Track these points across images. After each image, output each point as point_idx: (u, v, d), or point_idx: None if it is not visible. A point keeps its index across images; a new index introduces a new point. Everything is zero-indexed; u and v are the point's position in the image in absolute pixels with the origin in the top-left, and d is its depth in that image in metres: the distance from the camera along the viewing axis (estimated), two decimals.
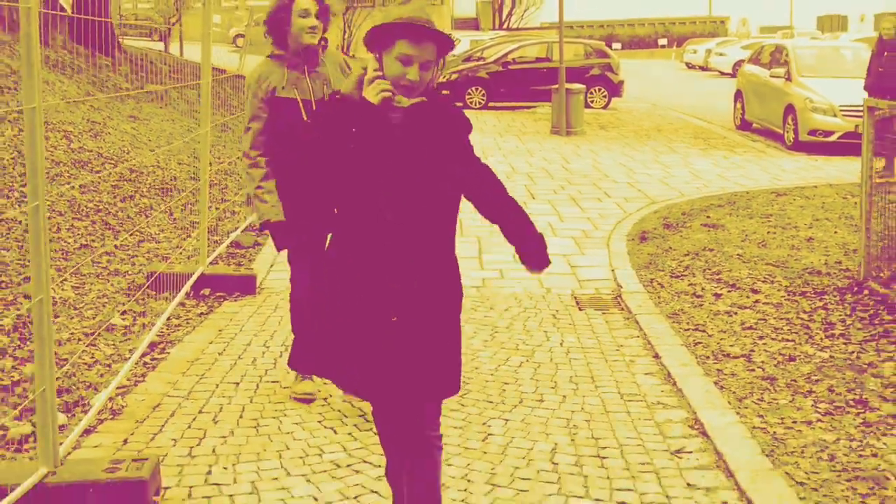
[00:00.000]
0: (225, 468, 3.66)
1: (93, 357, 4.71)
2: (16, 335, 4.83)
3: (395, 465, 2.92)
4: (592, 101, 20.16)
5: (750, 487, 3.49)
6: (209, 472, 3.61)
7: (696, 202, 9.51)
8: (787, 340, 5.22)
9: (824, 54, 15.05)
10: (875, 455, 3.77)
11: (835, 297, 6.01)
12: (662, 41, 59.19)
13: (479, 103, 20.66)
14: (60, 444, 3.37)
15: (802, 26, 58.00)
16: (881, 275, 6.12)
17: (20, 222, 6.61)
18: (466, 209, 2.95)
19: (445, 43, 2.67)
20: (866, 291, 6.02)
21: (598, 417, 4.21)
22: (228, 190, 9.81)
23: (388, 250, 2.67)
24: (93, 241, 6.87)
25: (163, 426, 4.03)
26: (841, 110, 13.20)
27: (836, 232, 7.82)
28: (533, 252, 2.79)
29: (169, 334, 5.16)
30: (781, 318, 5.61)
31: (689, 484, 3.58)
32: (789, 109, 13.91)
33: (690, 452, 3.83)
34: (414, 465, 2.85)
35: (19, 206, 6.94)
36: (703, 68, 41.16)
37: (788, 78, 14.29)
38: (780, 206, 9.12)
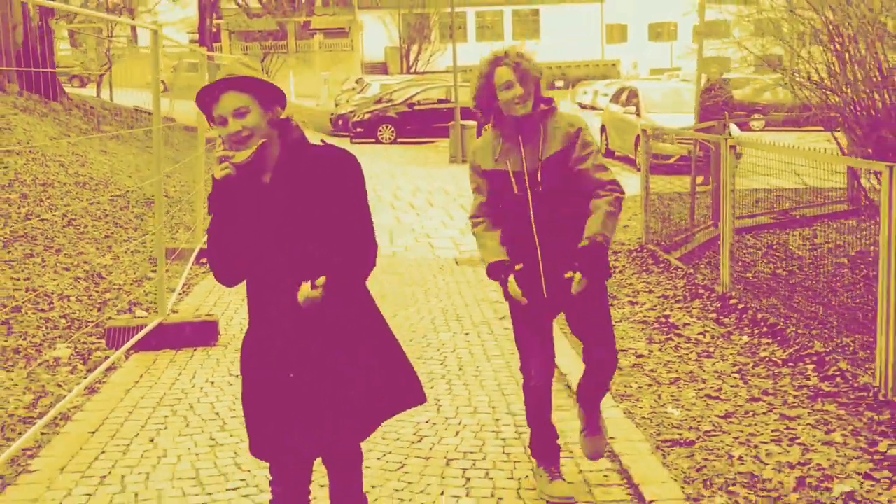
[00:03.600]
0: None
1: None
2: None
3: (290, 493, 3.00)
4: None
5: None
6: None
7: None
8: None
9: (666, 94, 18.55)
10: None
11: (626, 255, 9.12)
12: (559, 83, 63.40)
13: (390, 139, 23.73)
14: None
15: (689, 68, 62.89)
16: (653, 241, 9.27)
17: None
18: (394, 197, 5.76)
19: (251, 85, 2.68)
20: (645, 251, 9.14)
21: (462, 313, 7.14)
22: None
23: (280, 304, 2.76)
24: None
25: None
26: (676, 139, 16.61)
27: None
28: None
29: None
30: None
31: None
32: (638, 139, 17.27)
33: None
34: (340, 478, 3.06)
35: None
36: (592, 107, 45.11)
37: (638, 114, 17.70)
38: None
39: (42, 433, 4.51)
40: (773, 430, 4.49)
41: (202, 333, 6.15)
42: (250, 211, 2.74)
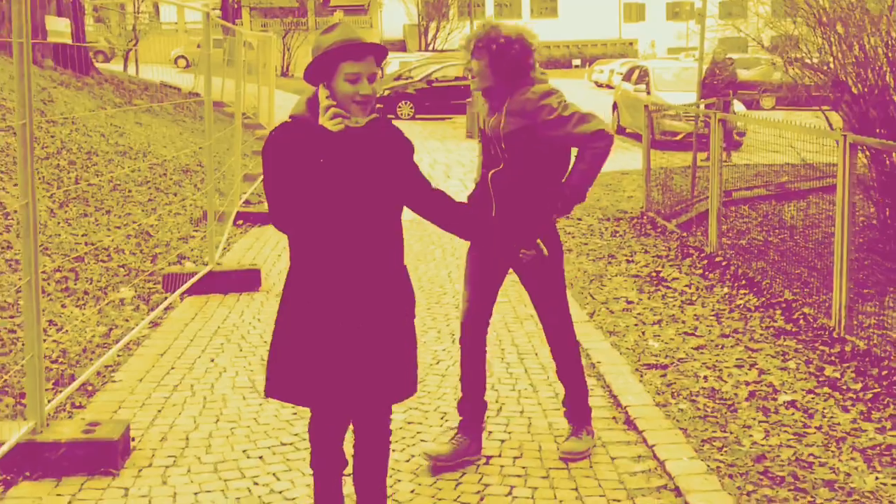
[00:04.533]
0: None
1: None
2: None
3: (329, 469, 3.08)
4: None
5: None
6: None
7: None
8: (591, 235, 9.05)
9: (676, 73, 19.21)
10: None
11: (627, 221, 9.89)
12: (576, 62, 63.79)
13: (409, 115, 24.51)
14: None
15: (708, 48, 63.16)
16: (653, 209, 10.04)
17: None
18: None
19: (381, 53, 2.85)
20: (645, 218, 9.91)
21: None
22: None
23: (345, 263, 2.85)
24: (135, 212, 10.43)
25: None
26: (684, 116, 17.29)
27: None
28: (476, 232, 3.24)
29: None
30: (590, 229, 9.46)
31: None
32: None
33: None
34: (369, 459, 3.12)
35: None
36: (608, 86, 45.61)
37: (648, 91, 18.38)
38: (619, 179, 13.08)
39: (118, 355, 5.36)
40: (737, 359, 5.29)
41: (247, 280, 6.97)
42: (327, 170, 2.81)
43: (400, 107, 24.59)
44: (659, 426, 4.28)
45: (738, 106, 16.83)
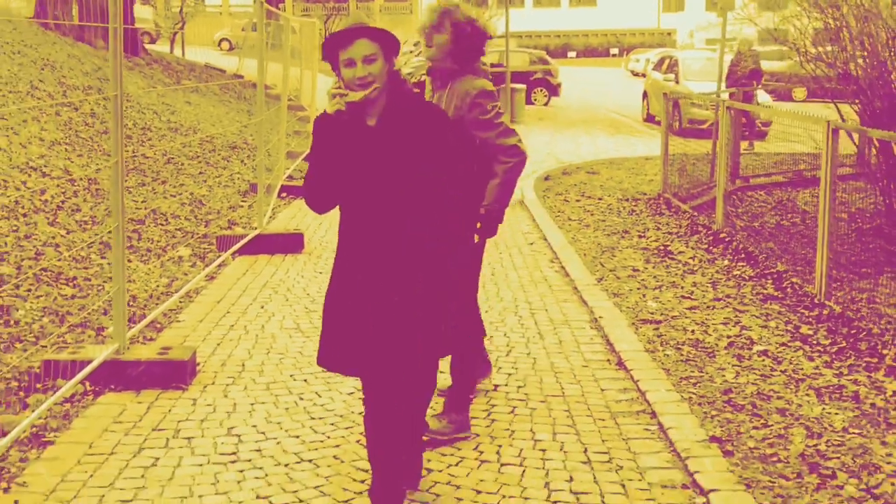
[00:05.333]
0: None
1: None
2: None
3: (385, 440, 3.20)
4: (535, 100, 24.73)
5: (564, 259, 7.94)
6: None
7: (589, 162, 14.05)
8: (609, 213, 9.72)
9: (703, 63, 19.71)
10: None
11: (645, 202, 10.54)
12: (614, 51, 63.98)
13: None
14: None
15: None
16: (670, 191, 10.67)
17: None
18: None
19: (375, 33, 2.95)
20: (661, 200, 10.56)
21: (499, 239, 8.67)
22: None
23: (378, 240, 3.02)
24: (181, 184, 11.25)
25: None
26: (711, 105, 17.81)
27: None
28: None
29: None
30: (609, 207, 10.13)
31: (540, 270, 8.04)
32: (676, 105, 18.50)
33: (553, 265, 8.29)
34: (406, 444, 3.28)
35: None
36: (643, 75, 45.90)
37: (676, 81, 18.91)
38: (642, 164, 13.70)
39: (180, 301, 6.15)
40: (724, 318, 5.96)
41: (291, 243, 7.77)
42: (352, 149, 2.97)
43: None
44: (645, 367, 4.98)
45: (762, 96, 17.33)
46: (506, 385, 4.78)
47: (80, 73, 13.58)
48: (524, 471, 3.79)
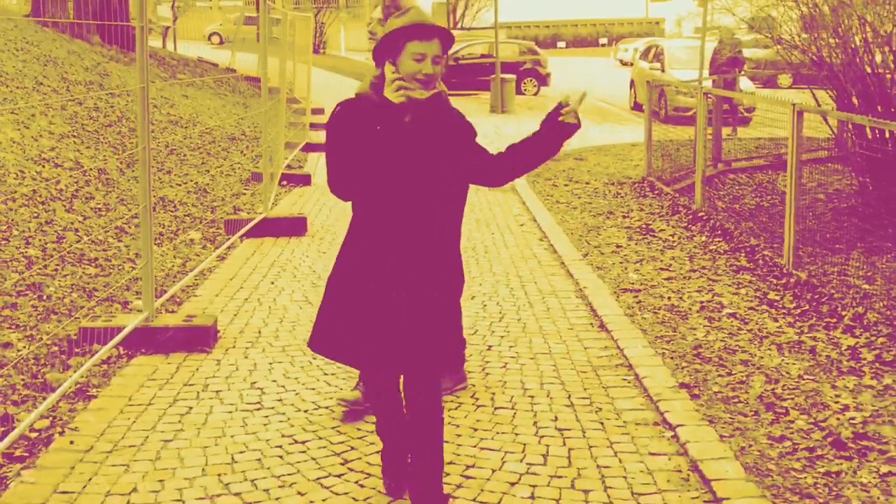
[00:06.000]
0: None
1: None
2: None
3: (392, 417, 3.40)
4: (525, 90, 25.22)
5: (550, 235, 8.44)
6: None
7: (577, 150, 14.55)
8: (595, 196, 10.23)
9: (689, 52, 20.22)
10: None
11: (630, 185, 11.06)
12: (603, 40, 64.49)
13: None
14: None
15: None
16: (654, 175, 11.19)
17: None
18: None
19: (448, 38, 3.01)
20: (646, 183, 11.07)
21: (491, 220, 9.16)
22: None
23: (399, 235, 3.02)
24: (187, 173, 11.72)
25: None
26: (695, 93, 18.31)
27: None
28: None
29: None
30: (595, 191, 10.63)
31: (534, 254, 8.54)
32: (662, 93, 19.02)
33: (542, 243, 8.79)
34: (419, 428, 3.24)
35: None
36: (631, 64, 46.37)
37: (662, 69, 19.41)
38: (628, 150, 14.21)
39: (195, 279, 6.63)
40: (698, 287, 6.48)
41: (296, 226, 8.27)
42: (386, 142, 2.98)
43: None
44: (624, 328, 5.49)
45: (744, 83, 17.84)
46: (499, 345, 5.29)
47: (80, 68, 14.02)
48: (515, 413, 4.30)
